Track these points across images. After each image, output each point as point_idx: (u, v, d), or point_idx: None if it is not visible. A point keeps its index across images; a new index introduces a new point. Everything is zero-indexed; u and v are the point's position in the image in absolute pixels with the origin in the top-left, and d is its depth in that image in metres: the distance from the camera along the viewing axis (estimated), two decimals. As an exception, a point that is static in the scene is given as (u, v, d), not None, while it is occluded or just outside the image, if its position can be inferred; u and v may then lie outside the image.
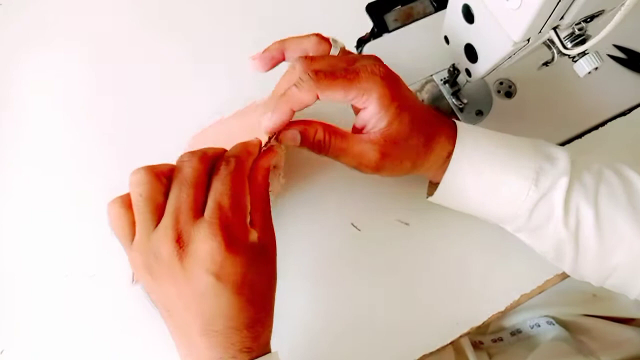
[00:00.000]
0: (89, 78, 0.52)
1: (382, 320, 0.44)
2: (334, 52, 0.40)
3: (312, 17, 0.54)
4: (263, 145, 0.37)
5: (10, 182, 0.48)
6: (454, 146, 0.38)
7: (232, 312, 0.32)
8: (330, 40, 0.40)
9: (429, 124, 0.38)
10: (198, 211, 0.32)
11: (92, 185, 0.48)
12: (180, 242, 0.31)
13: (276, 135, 0.37)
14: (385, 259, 0.46)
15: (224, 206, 0.32)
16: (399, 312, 0.44)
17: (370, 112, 0.36)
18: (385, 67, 0.37)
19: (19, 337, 0.44)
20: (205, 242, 0.31)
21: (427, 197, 0.42)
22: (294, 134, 0.37)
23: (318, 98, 0.35)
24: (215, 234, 0.31)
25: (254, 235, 0.33)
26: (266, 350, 0.35)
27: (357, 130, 0.38)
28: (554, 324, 0.54)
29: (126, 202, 0.34)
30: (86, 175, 0.48)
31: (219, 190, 0.32)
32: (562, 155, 0.38)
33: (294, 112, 0.36)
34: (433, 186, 0.42)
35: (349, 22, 0.54)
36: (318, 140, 0.37)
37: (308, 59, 0.37)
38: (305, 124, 0.37)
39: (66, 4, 0.54)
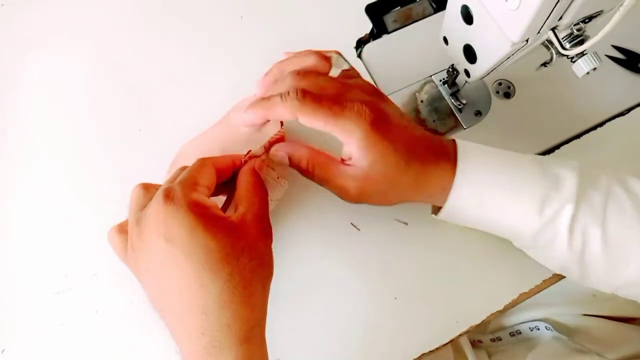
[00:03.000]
0: (90, 78, 0.52)
1: (382, 319, 0.44)
2: (334, 72, 0.40)
3: (312, 18, 0.54)
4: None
5: (11, 181, 0.48)
6: (453, 175, 0.36)
7: (192, 284, 0.30)
8: (333, 59, 0.39)
9: (422, 160, 0.36)
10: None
11: (92, 185, 0.48)
12: (138, 220, 0.33)
13: (265, 148, 0.39)
14: (385, 258, 0.46)
15: (176, 179, 0.34)
16: (398, 311, 0.44)
17: (351, 151, 0.35)
18: (372, 103, 0.35)
19: (20, 337, 0.44)
20: (150, 207, 0.32)
21: (432, 214, 0.42)
22: (282, 156, 0.38)
23: (297, 118, 0.35)
24: (157, 196, 0.32)
25: (204, 199, 0.33)
26: (249, 350, 0.33)
27: (343, 160, 0.37)
28: (552, 330, 0.54)
29: (123, 227, 0.36)
30: (87, 174, 0.48)
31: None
32: (569, 178, 0.37)
33: (266, 120, 0.38)
34: (436, 208, 0.41)
35: (348, 23, 0.54)
36: (301, 168, 0.38)
37: (300, 74, 0.37)
38: (292, 149, 0.38)
39: (67, 4, 0.54)
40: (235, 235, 0.32)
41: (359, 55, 0.53)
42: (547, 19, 0.31)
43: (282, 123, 0.40)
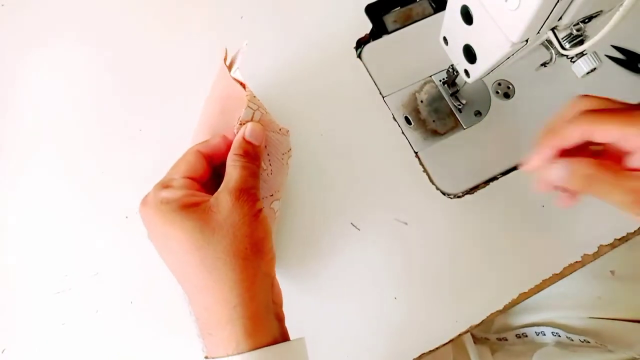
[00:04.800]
0: (90, 78, 0.52)
1: (382, 319, 0.44)
2: None
3: (312, 18, 0.54)
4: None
5: (11, 181, 0.48)
6: None
7: (178, 270, 0.34)
8: None
9: None
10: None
11: (92, 185, 0.48)
12: None
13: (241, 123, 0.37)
14: (385, 258, 0.46)
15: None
16: (398, 311, 0.45)
17: None
18: None
19: (20, 337, 0.44)
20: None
21: None
22: (562, 167, 0.34)
23: (586, 140, 0.33)
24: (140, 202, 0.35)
25: (165, 194, 0.34)
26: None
27: (631, 169, 0.33)
28: (559, 335, 0.54)
29: None
30: (87, 174, 0.48)
31: None
32: None
33: (559, 151, 0.35)
34: None
35: (348, 23, 0.54)
36: (584, 175, 0.33)
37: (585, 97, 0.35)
38: (567, 159, 0.34)
39: (67, 4, 0.54)
40: (204, 218, 0.32)
41: (359, 56, 0.53)
42: (546, 19, 0.31)
43: (244, 86, 0.38)
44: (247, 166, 0.35)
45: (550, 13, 0.31)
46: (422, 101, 0.52)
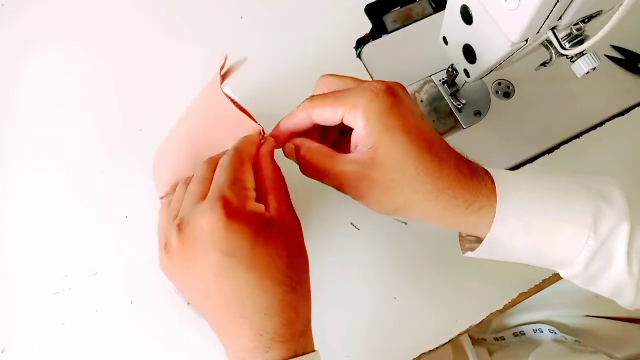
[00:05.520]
0: (90, 78, 0.52)
1: (382, 319, 0.44)
2: None
3: (312, 18, 0.54)
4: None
5: (11, 181, 0.48)
6: (480, 196, 0.32)
7: (254, 291, 0.30)
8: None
9: (444, 165, 0.32)
10: (201, 197, 0.32)
11: (92, 185, 0.48)
12: (181, 226, 0.31)
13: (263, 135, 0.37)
14: (385, 258, 0.46)
15: (222, 183, 0.31)
16: (398, 311, 0.45)
17: (358, 129, 0.32)
18: (388, 84, 0.33)
19: (20, 337, 0.44)
20: (203, 218, 0.30)
21: (463, 254, 0.37)
22: (290, 147, 0.36)
23: (312, 122, 0.34)
24: (213, 208, 0.30)
25: (258, 207, 0.32)
26: (305, 342, 0.33)
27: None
28: (555, 333, 0.54)
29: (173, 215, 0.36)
30: (87, 174, 0.48)
31: (217, 172, 0.33)
32: (617, 194, 0.33)
33: (291, 132, 0.36)
34: (465, 239, 0.37)
35: (348, 23, 0.54)
36: (299, 156, 0.35)
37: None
38: (287, 142, 0.36)
39: (68, 4, 0.54)
40: (284, 236, 0.32)
41: (359, 55, 0.53)
42: (546, 19, 0.32)
43: (236, 104, 0.38)
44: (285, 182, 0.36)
45: (550, 13, 0.31)
46: (422, 101, 0.52)
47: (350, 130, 0.33)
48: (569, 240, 0.32)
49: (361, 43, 0.54)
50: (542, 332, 0.55)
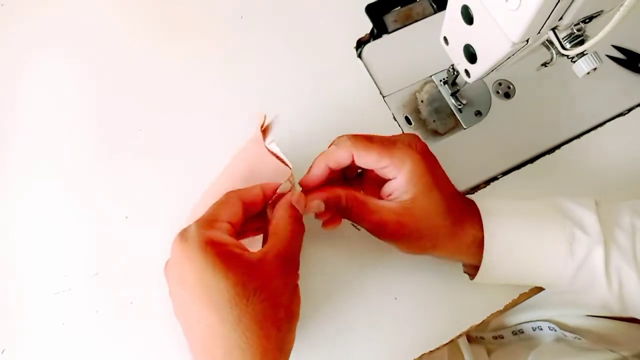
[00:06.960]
0: (90, 78, 0.52)
1: (381, 320, 0.44)
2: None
3: (312, 18, 0.54)
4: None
5: (11, 181, 0.48)
6: (477, 230, 0.37)
7: (203, 326, 0.31)
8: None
9: (457, 209, 0.37)
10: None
11: (92, 185, 0.48)
12: (167, 263, 0.35)
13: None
14: (385, 258, 0.46)
15: (198, 217, 0.34)
16: (398, 311, 0.44)
17: (399, 182, 0.36)
18: (423, 143, 0.37)
19: (20, 337, 0.44)
20: (171, 247, 0.33)
21: (470, 279, 0.42)
22: (318, 204, 0.37)
23: (353, 160, 0.37)
24: (175, 239, 0.32)
25: (221, 236, 0.32)
26: None
27: (381, 197, 0.38)
28: (555, 330, 0.54)
29: None
30: (87, 174, 0.48)
31: None
32: (590, 219, 0.37)
33: (329, 169, 0.38)
34: (469, 268, 0.42)
35: (348, 23, 0.54)
36: (340, 205, 0.37)
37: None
38: (328, 193, 0.38)
39: (68, 5, 0.54)
40: (249, 274, 0.31)
41: (359, 55, 0.53)
42: (547, 19, 0.31)
43: (283, 161, 0.39)
44: (296, 232, 0.36)
45: (551, 13, 0.31)
46: (422, 101, 0.52)
47: (364, 169, 0.38)
48: (550, 264, 0.37)
49: (361, 43, 0.53)
50: (542, 329, 0.55)
